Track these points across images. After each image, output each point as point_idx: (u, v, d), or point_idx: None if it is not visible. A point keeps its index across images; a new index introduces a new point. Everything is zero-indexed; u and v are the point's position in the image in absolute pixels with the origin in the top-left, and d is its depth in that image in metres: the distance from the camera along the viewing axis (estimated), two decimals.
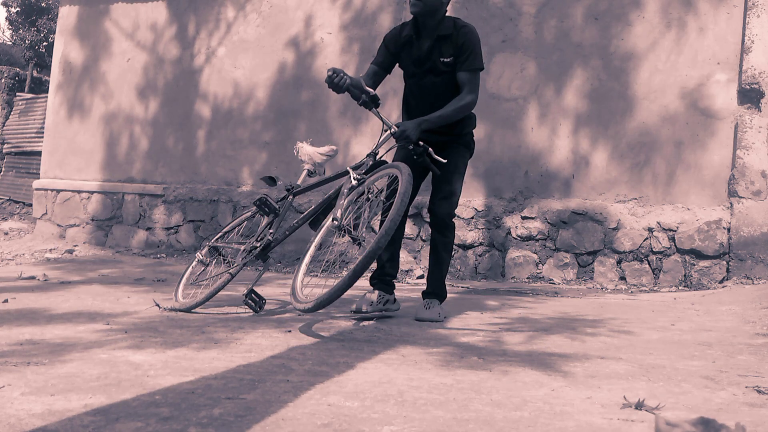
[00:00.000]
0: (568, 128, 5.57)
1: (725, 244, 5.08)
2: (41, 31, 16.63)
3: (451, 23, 3.20)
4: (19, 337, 2.59)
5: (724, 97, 5.14)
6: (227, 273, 3.38)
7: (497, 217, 5.72)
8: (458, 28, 3.18)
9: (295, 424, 1.57)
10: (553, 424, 1.63)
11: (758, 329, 3.21)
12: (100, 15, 7.72)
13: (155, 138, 7.31)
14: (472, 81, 3.19)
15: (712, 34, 5.19)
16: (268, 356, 2.34)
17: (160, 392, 1.81)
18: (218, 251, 3.69)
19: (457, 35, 3.16)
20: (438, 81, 3.23)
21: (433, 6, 3.13)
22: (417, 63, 3.25)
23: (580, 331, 3.10)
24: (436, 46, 3.19)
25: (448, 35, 3.17)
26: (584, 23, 5.57)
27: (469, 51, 3.15)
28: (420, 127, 3.09)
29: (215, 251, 3.70)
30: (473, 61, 3.17)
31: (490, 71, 5.80)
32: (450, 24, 3.19)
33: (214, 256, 3.70)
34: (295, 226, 3.42)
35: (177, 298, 3.56)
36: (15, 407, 1.65)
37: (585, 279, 5.45)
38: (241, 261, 3.39)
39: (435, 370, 2.21)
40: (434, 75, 3.22)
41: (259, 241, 3.40)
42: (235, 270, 3.37)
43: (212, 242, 3.73)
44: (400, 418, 1.65)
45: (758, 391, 1.99)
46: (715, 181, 5.15)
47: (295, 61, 6.59)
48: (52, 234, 7.86)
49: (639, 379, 2.14)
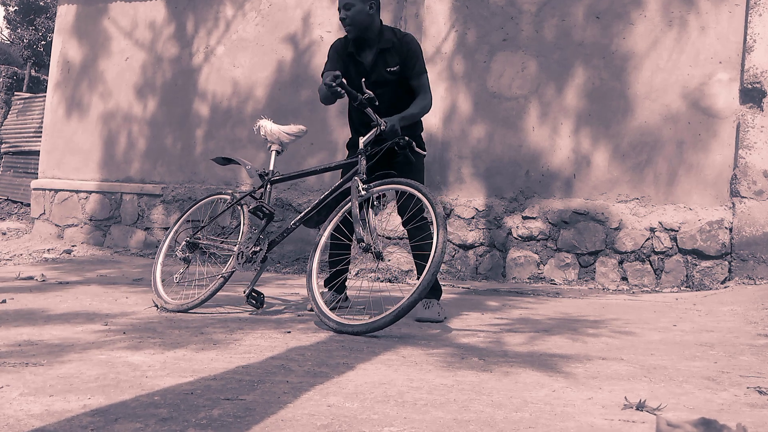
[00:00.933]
0: (570, 127, 5.56)
1: (727, 244, 5.06)
2: (39, 30, 16.61)
3: (391, 34, 3.34)
4: (18, 337, 2.57)
5: (726, 97, 5.13)
6: (221, 277, 3.35)
7: (498, 217, 5.71)
8: (399, 38, 3.34)
9: (295, 425, 1.56)
10: (554, 425, 1.62)
11: (760, 330, 3.20)
12: (98, 14, 7.70)
13: (154, 137, 7.30)
14: (424, 84, 3.37)
15: (713, 32, 5.18)
16: (268, 357, 2.33)
17: (158, 393, 1.80)
18: (197, 247, 3.61)
19: (400, 45, 3.31)
20: (385, 91, 3.32)
21: (364, 22, 3.27)
22: (364, 75, 3.33)
23: (582, 331, 3.09)
24: (380, 58, 3.33)
25: (390, 47, 3.32)
26: (585, 22, 5.56)
27: (415, 59, 3.33)
28: (401, 122, 3.23)
29: (194, 247, 3.61)
30: (420, 66, 3.35)
31: (490, 70, 5.79)
32: (390, 35, 3.34)
33: (193, 252, 3.61)
34: (292, 228, 3.41)
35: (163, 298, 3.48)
36: (14, 408, 1.64)
37: (586, 279, 5.44)
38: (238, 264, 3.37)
39: (435, 371, 2.20)
40: (380, 86, 3.32)
41: (257, 245, 3.37)
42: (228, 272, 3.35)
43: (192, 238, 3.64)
44: (400, 419, 1.64)
45: (760, 392, 1.98)
46: (717, 180, 5.14)
47: (295, 59, 6.57)
48: (50, 234, 7.85)
49: (640, 380, 2.13)
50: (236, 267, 3.37)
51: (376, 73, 3.33)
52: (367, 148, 3.17)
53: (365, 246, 2.95)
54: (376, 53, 3.31)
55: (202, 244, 3.61)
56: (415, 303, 2.75)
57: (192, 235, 3.66)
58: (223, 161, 3.72)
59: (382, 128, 3.13)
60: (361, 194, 3.05)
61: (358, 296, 3.74)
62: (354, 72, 3.36)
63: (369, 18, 3.26)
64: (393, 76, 3.32)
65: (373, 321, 2.81)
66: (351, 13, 3.23)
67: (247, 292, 3.32)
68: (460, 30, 5.87)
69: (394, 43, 3.31)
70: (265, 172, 3.52)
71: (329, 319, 2.91)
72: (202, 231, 3.67)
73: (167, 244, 3.74)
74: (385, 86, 3.33)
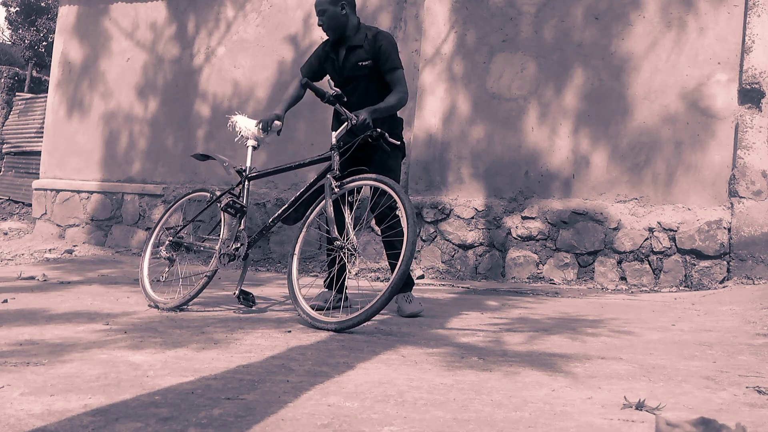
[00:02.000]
0: (569, 128, 5.57)
1: (726, 244, 5.07)
2: (41, 30, 16.61)
3: (364, 34, 3.46)
4: (19, 337, 2.58)
5: (724, 97, 5.13)
6: (205, 276, 3.37)
7: (497, 217, 5.72)
8: (372, 36, 3.45)
9: (295, 425, 1.57)
10: (553, 425, 1.63)
11: (759, 329, 3.21)
12: (99, 14, 7.71)
13: (155, 138, 7.31)
14: (399, 78, 3.44)
15: (712, 33, 5.19)
16: (268, 356, 2.34)
17: (159, 392, 1.81)
18: (181, 246, 3.63)
19: (373, 41, 3.42)
20: (356, 85, 3.46)
21: (340, 24, 3.43)
22: (338, 72, 3.51)
23: (581, 331, 3.10)
24: (352, 54, 3.46)
25: (360, 45, 3.45)
26: (584, 23, 5.57)
27: (387, 54, 3.42)
28: (372, 115, 3.27)
29: (178, 246, 3.63)
30: (393, 61, 3.43)
31: (489, 71, 5.80)
32: (363, 35, 3.46)
33: (177, 250, 3.63)
34: (271, 225, 3.43)
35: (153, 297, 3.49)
36: (14, 407, 1.64)
37: (585, 279, 5.44)
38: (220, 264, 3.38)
39: (435, 370, 2.21)
40: (352, 81, 3.46)
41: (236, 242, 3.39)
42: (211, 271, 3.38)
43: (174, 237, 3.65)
44: (400, 419, 1.64)
45: (759, 392, 1.99)
46: (716, 181, 5.14)
47: (295, 60, 6.58)
48: (52, 234, 7.86)
49: (639, 380, 2.14)
50: (218, 266, 3.37)
51: (348, 69, 3.46)
52: (339, 143, 3.20)
53: (339, 245, 3.03)
54: (347, 50, 3.46)
55: (184, 243, 3.62)
56: (387, 301, 2.79)
57: (175, 234, 3.66)
58: (201, 157, 3.78)
59: (353, 122, 3.17)
60: (334, 191, 3.10)
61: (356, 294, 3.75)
62: (330, 68, 3.55)
63: (344, 19, 3.43)
64: (365, 71, 3.43)
65: (347, 318, 2.85)
66: (325, 18, 3.41)
67: (236, 294, 3.33)
68: (460, 31, 5.88)
69: (366, 39, 3.43)
70: (243, 169, 3.52)
71: (307, 314, 2.98)
72: (184, 230, 3.69)
73: (152, 244, 3.76)
74: (357, 81, 3.45)
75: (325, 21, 3.41)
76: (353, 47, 3.45)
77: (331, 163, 3.17)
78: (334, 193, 3.09)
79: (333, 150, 3.19)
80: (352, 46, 3.45)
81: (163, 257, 3.61)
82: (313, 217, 3.21)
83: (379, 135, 3.19)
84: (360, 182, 3.13)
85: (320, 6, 3.40)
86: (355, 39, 3.45)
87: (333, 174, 3.13)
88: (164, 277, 3.53)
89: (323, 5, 3.39)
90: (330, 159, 3.20)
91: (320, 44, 3.67)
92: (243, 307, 3.53)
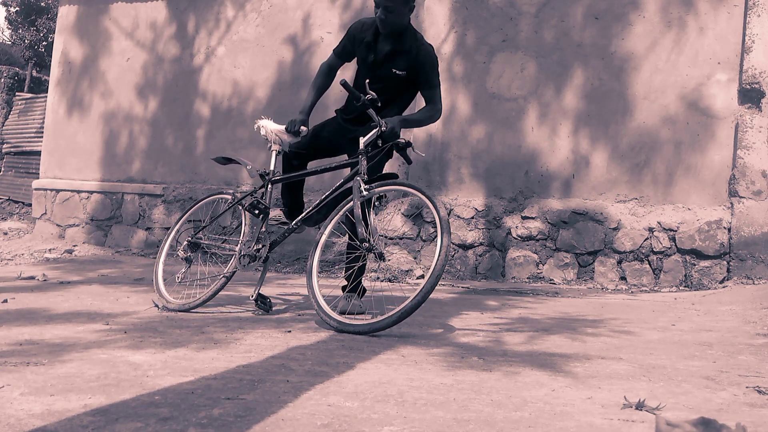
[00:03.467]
0: (569, 128, 5.57)
1: (726, 244, 5.07)
2: (41, 30, 16.60)
3: (413, 39, 3.33)
4: (19, 337, 2.58)
5: (724, 97, 5.13)
6: (223, 277, 3.35)
7: (497, 217, 5.72)
8: (416, 46, 3.32)
9: (295, 425, 1.57)
10: (553, 425, 1.63)
11: (759, 329, 3.21)
12: (99, 14, 7.71)
13: (155, 137, 7.31)
14: (435, 97, 3.40)
15: (712, 33, 5.19)
16: (268, 356, 2.33)
17: (159, 392, 1.80)
18: (199, 247, 3.62)
19: (416, 54, 3.31)
20: (384, 87, 3.33)
21: (401, 24, 3.29)
22: (370, 67, 3.36)
23: (581, 331, 3.10)
24: (392, 57, 3.33)
25: (404, 51, 3.32)
26: (584, 23, 5.56)
27: (427, 72, 3.34)
28: (401, 125, 3.27)
29: (196, 247, 3.61)
30: (432, 81, 3.37)
31: (490, 71, 5.80)
32: (410, 41, 3.32)
33: (195, 251, 3.61)
34: (293, 228, 3.41)
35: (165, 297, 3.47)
36: (14, 407, 1.64)
37: (585, 279, 5.44)
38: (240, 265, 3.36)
39: (435, 370, 2.21)
40: (382, 81, 3.33)
41: (258, 244, 3.37)
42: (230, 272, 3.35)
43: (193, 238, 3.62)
44: (400, 419, 1.64)
45: (759, 392, 1.99)
46: (716, 181, 5.14)
47: (295, 60, 6.58)
48: (52, 234, 7.85)
49: (639, 380, 2.14)
50: (238, 267, 3.37)
51: (382, 69, 3.34)
52: (368, 148, 3.18)
53: (368, 246, 2.97)
54: (390, 52, 3.32)
55: (203, 244, 3.61)
56: (418, 305, 2.75)
57: (193, 234, 3.66)
58: (224, 161, 3.73)
59: (383, 129, 3.15)
60: (362, 194, 3.05)
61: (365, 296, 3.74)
62: (362, 56, 3.39)
63: (406, 21, 3.31)
64: (397, 78, 3.33)
65: (375, 321, 2.81)
66: (393, 16, 3.22)
67: (254, 296, 3.31)
68: (460, 31, 5.88)
69: (411, 48, 3.31)
70: (266, 172, 3.53)
71: (330, 317, 2.91)
72: (204, 231, 3.67)
73: (169, 244, 3.74)
74: (387, 83, 3.34)
75: (390, 19, 3.22)
76: (397, 51, 3.32)
77: (359, 167, 3.14)
78: (362, 195, 3.05)
79: (361, 155, 3.16)
80: (396, 50, 3.32)
81: (180, 257, 3.59)
82: (337, 219, 3.16)
83: (406, 144, 3.19)
84: (389, 187, 3.11)
85: (393, 3, 3.18)
86: (401, 42, 3.31)
87: (362, 177, 3.11)
88: (179, 277, 3.51)
89: (397, 3, 3.19)
90: (357, 164, 3.17)
91: (356, 24, 3.44)
92: (243, 307, 3.53)
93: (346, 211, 3.16)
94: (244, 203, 3.52)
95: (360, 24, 3.43)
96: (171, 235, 3.78)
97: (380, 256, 2.96)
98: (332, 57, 3.53)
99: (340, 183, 3.27)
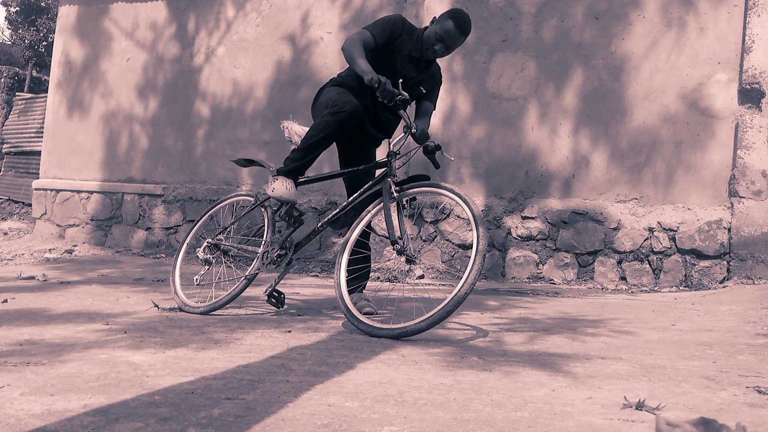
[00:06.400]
0: (569, 128, 5.57)
1: (726, 244, 5.07)
2: (41, 30, 16.61)
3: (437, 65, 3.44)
4: (19, 337, 2.58)
5: (724, 97, 5.13)
6: (245, 278, 3.29)
7: (497, 217, 5.72)
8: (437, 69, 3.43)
9: (295, 425, 1.57)
10: (553, 425, 1.63)
11: (759, 329, 3.21)
12: (99, 14, 7.71)
13: (155, 137, 7.31)
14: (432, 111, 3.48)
15: (712, 33, 5.19)
16: (268, 356, 2.34)
17: (159, 392, 1.81)
18: (219, 248, 3.56)
19: (435, 74, 3.43)
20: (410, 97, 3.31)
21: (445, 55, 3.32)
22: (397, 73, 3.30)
23: (581, 331, 3.10)
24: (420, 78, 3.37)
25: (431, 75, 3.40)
26: (584, 23, 5.56)
27: (438, 89, 3.49)
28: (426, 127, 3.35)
29: (216, 249, 3.56)
30: (435, 99, 3.49)
31: (489, 71, 5.80)
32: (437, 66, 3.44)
33: (215, 253, 3.56)
34: (319, 230, 3.36)
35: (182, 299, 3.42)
36: (14, 407, 1.64)
37: (585, 279, 5.44)
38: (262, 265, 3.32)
39: (435, 370, 2.21)
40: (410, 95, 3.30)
41: (282, 249, 3.33)
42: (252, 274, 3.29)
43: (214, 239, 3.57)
44: (400, 419, 1.64)
45: (759, 392, 1.99)
46: (716, 181, 5.14)
47: (295, 60, 6.58)
48: (52, 234, 7.86)
49: (639, 380, 2.14)
50: (260, 268, 3.32)
51: (409, 81, 3.30)
52: (398, 151, 3.16)
53: (399, 248, 2.92)
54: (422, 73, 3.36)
55: (223, 245, 3.54)
56: (451, 311, 2.69)
57: (214, 236, 3.59)
58: (245, 163, 3.61)
59: (413, 131, 3.17)
60: (393, 196, 3.02)
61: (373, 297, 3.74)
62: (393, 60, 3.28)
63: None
64: (412, 84, 3.32)
65: (407, 326, 2.74)
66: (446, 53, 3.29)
67: (268, 291, 3.29)
68: None
69: (434, 73, 3.42)
70: None
71: (360, 321, 2.84)
72: (225, 232, 3.61)
73: (187, 245, 3.72)
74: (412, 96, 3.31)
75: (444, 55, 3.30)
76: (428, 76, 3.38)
77: (389, 169, 3.11)
78: (393, 197, 3.03)
79: (390, 157, 3.14)
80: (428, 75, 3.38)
81: (200, 259, 3.52)
82: (368, 219, 3.10)
83: (435, 148, 3.22)
84: (421, 189, 3.06)
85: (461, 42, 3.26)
86: (431, 68, 3.40)
87: (393, 179, 3.09)
88: (198, 279, 3.46)
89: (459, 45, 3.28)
90: (387, 165, 3.14)
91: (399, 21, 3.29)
92: (243, 307, 3.53)
93: (374, 215, 3.12)
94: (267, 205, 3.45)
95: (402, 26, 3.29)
96: (190, 236, 3.75)
97: (410, 260, 2.93)
98: (369, 36, 3.21)
99: (368, 185, 3.21)
